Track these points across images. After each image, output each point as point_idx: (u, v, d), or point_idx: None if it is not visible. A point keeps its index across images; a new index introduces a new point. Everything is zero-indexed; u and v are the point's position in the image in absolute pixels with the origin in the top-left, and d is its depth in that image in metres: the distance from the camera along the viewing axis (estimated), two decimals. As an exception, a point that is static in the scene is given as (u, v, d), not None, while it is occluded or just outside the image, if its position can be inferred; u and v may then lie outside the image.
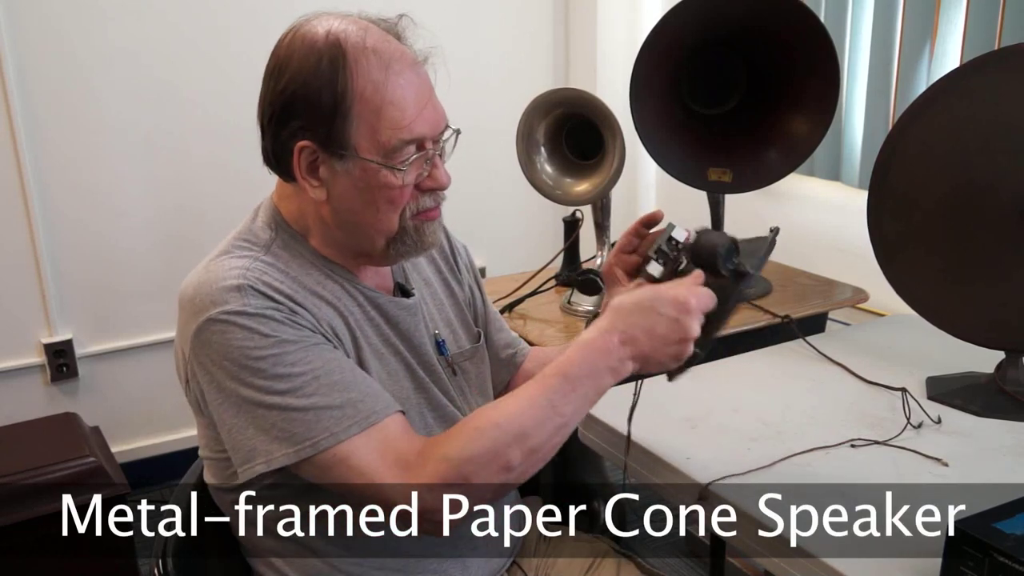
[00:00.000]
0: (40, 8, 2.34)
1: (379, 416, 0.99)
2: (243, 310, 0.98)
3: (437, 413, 1.15)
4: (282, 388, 0.97)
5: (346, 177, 1.02)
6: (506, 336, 1.35)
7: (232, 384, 0.98)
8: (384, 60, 1.00)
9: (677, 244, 1.07)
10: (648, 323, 0.98)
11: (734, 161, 1.82)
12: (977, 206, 1.34)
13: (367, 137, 1.00)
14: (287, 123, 1.01)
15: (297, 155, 1.01)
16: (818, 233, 2.45)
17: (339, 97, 0.99)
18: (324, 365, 0.99)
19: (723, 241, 1.04)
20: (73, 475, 2.05)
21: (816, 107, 1.74)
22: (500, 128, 2.26)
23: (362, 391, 1.00)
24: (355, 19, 1.04)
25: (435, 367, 1.16)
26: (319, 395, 0.98)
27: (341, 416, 0.97)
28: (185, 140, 2.55)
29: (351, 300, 1.09)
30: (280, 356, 0.97)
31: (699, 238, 1.07)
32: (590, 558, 1.33)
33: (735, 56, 1.82)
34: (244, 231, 1.09)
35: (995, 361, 1.41)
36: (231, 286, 0.99)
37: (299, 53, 1.00)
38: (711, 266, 1.04)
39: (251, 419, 0.98)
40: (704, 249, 1.05)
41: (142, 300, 2.61)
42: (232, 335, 0.97)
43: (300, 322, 1.01)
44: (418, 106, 1.02)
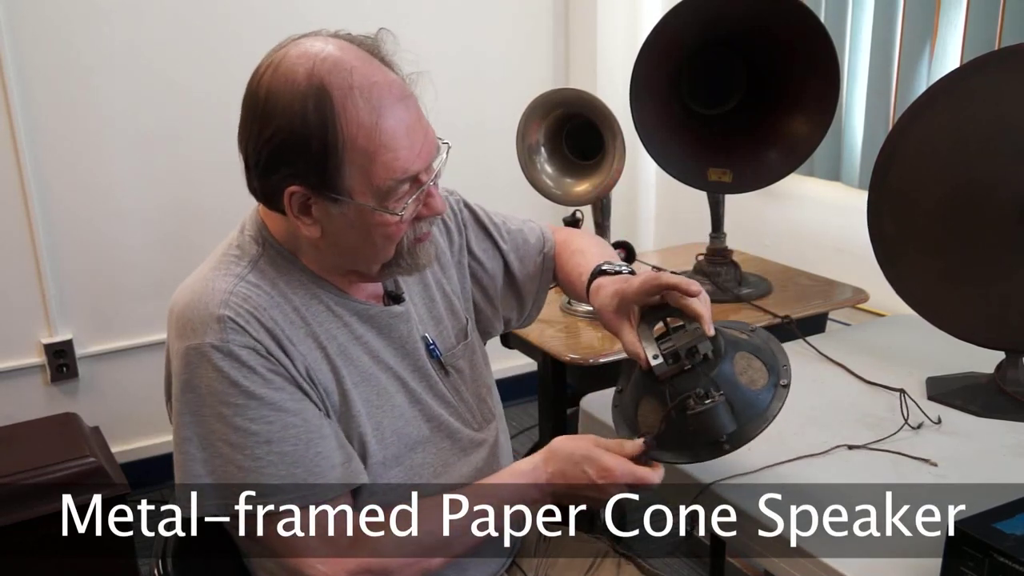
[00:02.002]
0: (40, 8, 2.34)
1: (317, 499, 1.00)
2: (220, 346, 0.97)
3: (432, 424, 1.15)
4: (235, 440, 0.98)
5: (341, 218, 1.00)
6: (533, 245, 1.33)
7: (195, 412, 0.99)
8: (373, 101, 0.96)
9: (695, 350, 1.06)
10: (572, 473, 1.06)
11: (734, 161, 1.83)
12: (977, 206, 1.34)
13: (361, 181, 0.98)
14: (276, 170, 0.97)
15: (288, 198, 0.98)
16: (818, 233, 2.45)
17: (330, 146, 0.95)
18: (282, 431, 0.99)
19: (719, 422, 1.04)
20: (73, 475, 2.05)
21: (816, 107, 1.74)
22: (500, 128, 2.26)
23: (309, 468, 1.00)
24: (336, 43, 0.99)
25: (429, 373, 1.16)
26: (266, 460, 0.98)
27: (278, 489, 0.99)
28: (185, 140, 2.55)
29: (336, 322, 1.07)
30: (243, 408, 0.98)
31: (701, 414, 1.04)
32: (590, 558, 1.33)
33: (735, 56, 1.83)
34: (232, 245, 1.08)
35: (995, 361, 1.41)
36: (212, 315, 0.98)
37: (282, 98, 0.95)
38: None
39: (201, 451, 0.99)
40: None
41: (142, 300, 2.61)
42: (204, 371, 0.98)
43: (274, 369, 1.00)
44: (411, 144, 0.99)
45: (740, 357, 1.09)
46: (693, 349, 1.06)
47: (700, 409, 1.02)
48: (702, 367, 1.06)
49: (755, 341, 1.14)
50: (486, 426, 1.23)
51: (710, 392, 1.03)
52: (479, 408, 1.22)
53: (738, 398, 1.05)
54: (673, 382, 1.06)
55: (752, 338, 1.15)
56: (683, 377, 1.06)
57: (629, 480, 1.04)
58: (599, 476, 1.04)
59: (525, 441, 2.85)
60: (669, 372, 1.06)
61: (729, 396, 1.04)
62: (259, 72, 0.98)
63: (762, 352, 1.12)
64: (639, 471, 1.04)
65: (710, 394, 1.03)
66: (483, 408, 1.23)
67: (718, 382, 1.05)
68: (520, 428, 2.96)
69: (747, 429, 1.05)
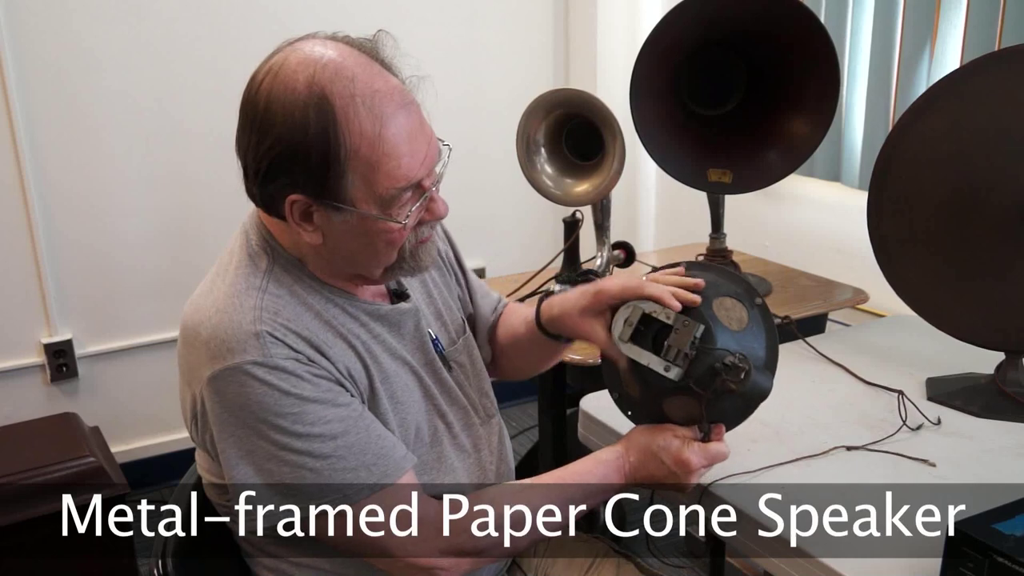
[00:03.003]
0: (40, 9, 2.34)
1: (390, 479, 1.01)
2: (264, 362, 0.96)
3: (444, 420, 1.16)
4: (300, 447, 0.97)
5: (343, 225, 0.99)
6: (490, 300, 1.36)
7: (247, 435, 0.98)
8: (376, 110, 0.95)
9: (694, 340, 1.06)
10: (652, 466, 1.11)
11: (734, 161, 1.82)
12: (977, 207, 1.34)
13: (363, 190, 0.97)
14: (276, 179, 0.96)
15: (289, 206, 0.98)
16: (818, 234, 2.45)
17: (332, 156, 0.94)
18: (342, 425, 0.99)
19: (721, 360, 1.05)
20: (73, 475, 2.05)
21: (816, 108, 1.74)
22: (500, 128, 2.26)
23: (375, 452, 1.01)
24: (336, 47, 0.97)
25: (438, 368, 1.17)
26: (335, 456, 0.98)
27: (355, 478, 0.99)
28: (185, 140, 2.55)
29: (355, 323, 1.08)
30: (300, 415, 0.97)
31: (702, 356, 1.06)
32: (590, 558, 1.33)
33: (735, 56, 1.82)
34: (243, 257, 1.06)
35: (995, 362, 1.41)
36: (249, 332, 0.97)
37: (282, 107, 0.93)
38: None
39: (258, 471, 0.98)
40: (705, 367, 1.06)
41: (142, 300, 2.61)
42: (252, 388, 0.96)
43: (319, 373, 0.99)
44: (413, 151, 0.98)
45: (717, 308, 1.10)
46: (692, 340, 1.06)
47: (742, 382, 1.04)
48: (704, 346, 1.06)
49: (709, 279, 1.13)
50: (489, 420, 1.24)
51: (733, 364, 1.04)
52: (481, 403, 1.23)
53: (746, 345, 1.08)
54: (690, 375, 1.06)
55: (700, 273, 1.15)
56: (695, 365, 1.06)
57: (706, 464, 1.10)
58: (678, 467, 1.09)
59: (525, 441, 2.85)
60: (685, 373, 1.06)
61: (743, 351, 1.06)
62: (257, 79, 0.97)
63: (721, 287, 1.13)
64: (712, 449, 1.10)
65: (735, 366, 1.04)
66: (485, 402, 1.24)
67: (729, 349, 1.06)
68: (520, 428, 2.96)
69: (769, 357, 1.11)
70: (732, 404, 1.09)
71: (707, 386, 1.05)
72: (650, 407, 1.14)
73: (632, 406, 1.18)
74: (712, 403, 1.06)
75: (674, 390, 1.08)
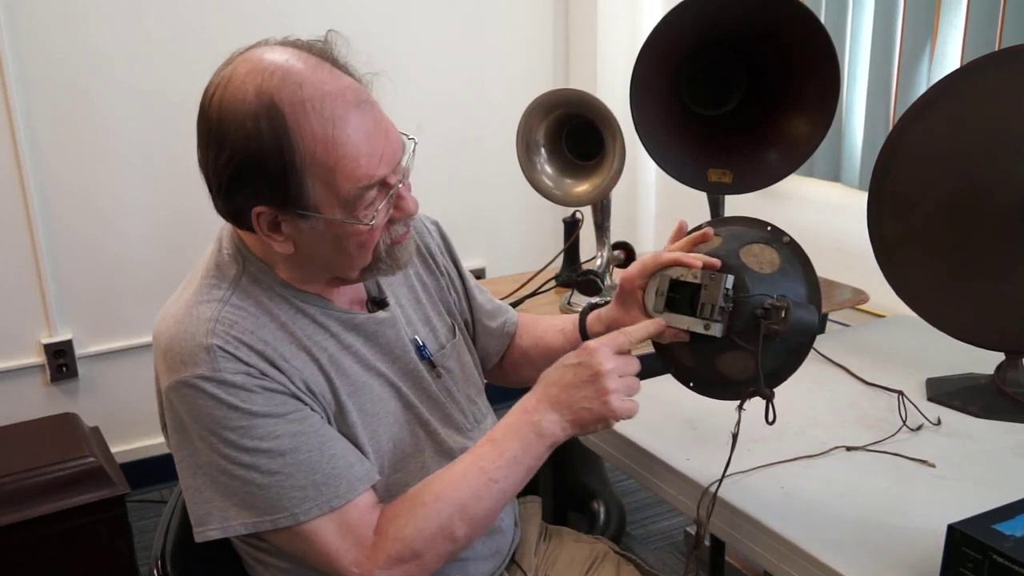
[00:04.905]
0: (40, 11, 2.34)
1: (341, 500, 1.00)
2: (212, 376, 0.95)
3: (426, 429, 1.14)
4: (247, 461, 0.97)
5: (312, 232, 0.98)
6: (491, 304, 1.34)
7: (199, 445, 0.98)
8: (327, 112, 0.93)
9: (728, 293, 1.04)
10: (557, 375, 1.05)
11: (734, 161, 1.82)
12: (977, 207, 1.34)
13: (326, 194, 0.95)
14: (239, 192, 0.95)
15: (256, 218, 0.97)
16: (818, 234, 2.45)
17: (288, 164, 0.93)
18: (292, 441, 0.98)
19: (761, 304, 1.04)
20: (73, 475, 2.05)
21: (816, 108, 1.74)
22: (500, 128, 2.26)
23: (326, 472, 0.99)
24: (284, 53, 0.96)
25: (420, 376, 1.15)
26: (283, 473, 0.97)
27: (303, 498, 0.98)
28: (184, 141, 2.52)
29: (324, 334, 1.06)
30: (248, 429, 0.96)
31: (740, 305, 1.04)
32: (590, 558, 1.33)
33: (735, 56, 1.82)
34: (211, 267, 1.05)
35: (995, 362, 1.41)
36: (200, 345, 0.96)
37: (234, 119, 0.92)
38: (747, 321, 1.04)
39: (211, 482, 0.98)
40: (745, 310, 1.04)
41: (142, 300, 2.61)
42: (202, 402, 0.96)
43: (272, 387, 0.98)
44: (372, 150, 0.96)
45: (745, 256, 1.08)
46: (725, 293, 1.05)
47: (784, 321, 1.01)
48: (739, 295, 1.05)
49: (734, 231, 1.12)
50: (476, 426, 1.21)
51: (773, 306, 1.02)
52: (470, 409, 1.21)
53: (785, 285, 1.06)
54: (732, 328, 1.05)
55: (723, 229, 1.14)
56: (735, 318, 1.05)
57: (611, 345, 1.03)
58: (578, 356, 1.03)
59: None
60: (727, 327, 1.05)
61: (782, 292, 1.04)
62: (209, 92, 0.96)
63: (745, 235, 1.12)
64: (609, 337, 1.04)
65: (773, 307, 1.02)
66: (474, 409, 1.22)
67: (768, 292, 1.04)
68: (520, 428, 2.95)
69: (810, 291, 1.07)
70: (785, 346, 1.06)
71: (752, 335, 1.03)
72: (705, 371, 1.12)
73: (690, 376, 1.15)
74: (764, 350, 1.03)
75: (721, 347, 1.06)
